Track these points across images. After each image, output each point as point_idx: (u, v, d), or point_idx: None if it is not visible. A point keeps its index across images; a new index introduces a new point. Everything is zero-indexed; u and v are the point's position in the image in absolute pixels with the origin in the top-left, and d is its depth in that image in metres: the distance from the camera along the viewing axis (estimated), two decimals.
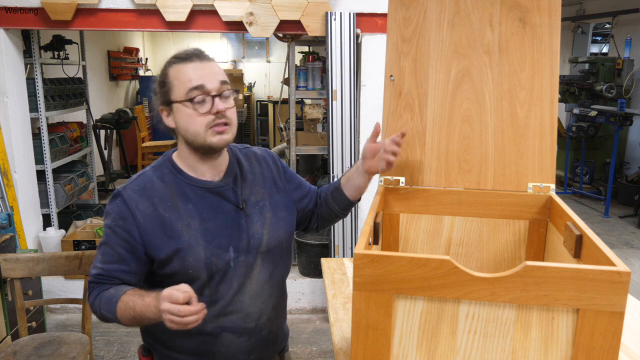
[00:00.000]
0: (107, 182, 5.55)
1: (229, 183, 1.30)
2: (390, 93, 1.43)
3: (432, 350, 0.97)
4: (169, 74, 1.24)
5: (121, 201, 1.23)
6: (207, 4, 3.21)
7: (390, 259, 0.93)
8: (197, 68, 1.22)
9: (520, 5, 1.37)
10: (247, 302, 1.30)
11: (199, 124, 1.21)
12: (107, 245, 1.24)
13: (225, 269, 1.26)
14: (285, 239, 1.38)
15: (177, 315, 1.07)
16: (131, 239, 1.22)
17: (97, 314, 1.25)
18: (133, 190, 1.24)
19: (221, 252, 1.25)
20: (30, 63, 3.66)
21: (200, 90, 1.20)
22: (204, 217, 1.25)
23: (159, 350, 1.34)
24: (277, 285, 1.38)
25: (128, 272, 1.24)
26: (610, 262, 0.92)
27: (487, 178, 1.42)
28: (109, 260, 1.24)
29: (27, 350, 2.23)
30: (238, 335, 1.31)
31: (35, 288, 2.89)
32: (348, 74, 3.31)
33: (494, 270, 1.45)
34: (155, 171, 1.28)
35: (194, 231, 1.23)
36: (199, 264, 1.23)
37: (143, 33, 8.73)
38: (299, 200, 1.46)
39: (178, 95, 1.22)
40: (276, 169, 1.42)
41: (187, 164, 1.29)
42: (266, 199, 1.35)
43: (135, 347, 3.21)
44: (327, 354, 3.17)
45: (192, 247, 1.23)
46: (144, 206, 1.22)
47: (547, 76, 1.38)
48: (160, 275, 1.27)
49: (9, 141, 3.40)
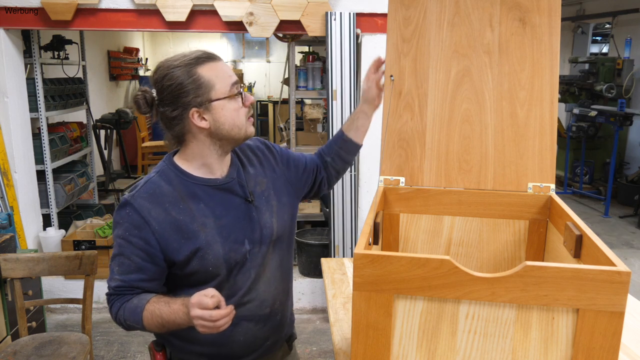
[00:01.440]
0: (107, 182, 5.55)
1: (234, 178, 1.32)
2: (390, 93, 1.43)
3: (432, 350, 0.97)
4: (202, 74, 1.21)
5: (132, 210, 1.22)
6: (207, 4, 3.22)
7: (390, 259, 0.93)
8: (224, 66, 1.26)
9: (520, 5, 1.37)
10: (262, 290, 1.33)
11: (242, 116, 1.27)
12: (123, 255, 1.23)
13: (243, 262, 1.29)
14: (290, 223, 1.41)
15: (209, 320, 1.09)
16: (149, 247, 1.22)
17: (123, 325, 1.26)
18: (142, 197, 1.23)
19: (238, 247, 1.27)
20: (30, 63, 3.66)
21: (239, 84, 1.26)
22: (217, 215, 1.27)
23: (175, 344, 1.35)
24: (286, 269, 1.42)
25: (148, 280, 1.24)
26: (610, 262, 0.92)
27: (487, 178, 1.42)
28: (126, 271, 1.23)
29: (27, 350, 2.23)
30: (255, 323, 1.34)
31: (35, 288, 2.90)
32: (348, 74, 3.31)
33: (494, 270, 1.45)
34: (160, 176, 1.28)
35: (210, 229, 1.25)
36: (218, 261, 1.25)
37: (143, 33, 8.73)
38: (300, 178, 1.48)
39: (221, 92, 1.23)
40: (272, 155, 1.44)
41: (198, 164, 1.28)
42: (270, 188, 1.38)
43: (135, 347, 3.21)
44: (327, 354, 3.17)
45: (211, 245, 1.24)
46: (156, 212, 1.22)
47: (547, 76, 1.38)
48: (179, 276, 1.27)
49: (9, 141, 3.40)
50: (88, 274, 2.34)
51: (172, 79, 1.21)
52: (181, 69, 1.21)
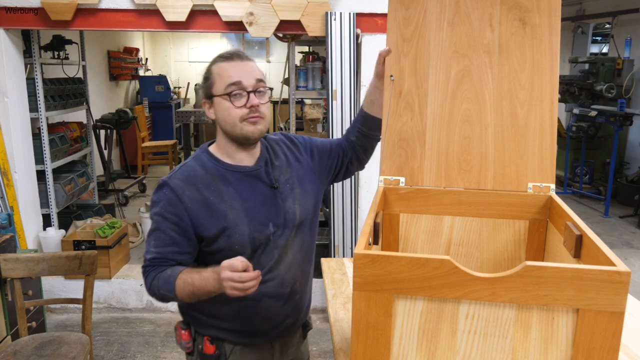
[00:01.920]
0: (107, 182, 5.55)
1: (262, 167, 1.44)
2: (390, 93, 1.43)
3: (432, 350, 0.97)
4: (212, 70, 1.39)
5: (168, 189, 1.36)
6: (207, 4, 3.22)
7: (390, 259, 0.93)
8: (236, 66, 1.37)
9: (520, 5, 1.37)
10: (283, 270, 1.44)
11: (234, 116, 1.35)
12: (159, 230, 1.36)
13: (267, 243, 1.40)
14: (313, 209, 1.52)
15: (238, 281, 1.19)
16: (182, 222, 1.35)
17: (156, 295, 1.37)
18: (178, 179, 1.37)
19: (262, 228, 1.39)
20: (30, 63, 3.66)
21: (238, 85, 1.35)
22: (244, 198, 1.39)
23: (200, 320, 1.45)
24: (308, 252, 1.53)
25: (181, 253, 1.36)
26: (610, 262, 0.92)
27: (487, 178, 1.42)
28: (162, 244, 1.36)
29: (27, 350, 2.23)
30: (276, 300, 1.44)
31: (35, 288, 2.90)
32: (348, 74, 3.31)
33: (494, 270, 1.45)
34: (195, 161, 1.43)
35: (237, 211, 1.37)
36: (244, 240, 1.37)
37: (143, 33, 8.73)
38: (325, 165, 1.57)
39: (218, 90, 1.37)
40: (295, 147, 1.55)
41: (225, 152, 1.43)
42: (294, 177, 1.49)
43: (135, 347, 3.21)
44: (327, 354, 3.17)
45: (237, 225, 1.36)
46: (189, 192, 1.35)
47: (547, 76, 1.38)
48: (207, 253, 1.39)
49: (9, 141, 3.40)
50: (88, 274, 2.34)
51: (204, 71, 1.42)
52: (208, 64, 1.42)
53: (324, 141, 1.61)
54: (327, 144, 1.59)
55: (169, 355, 3.15)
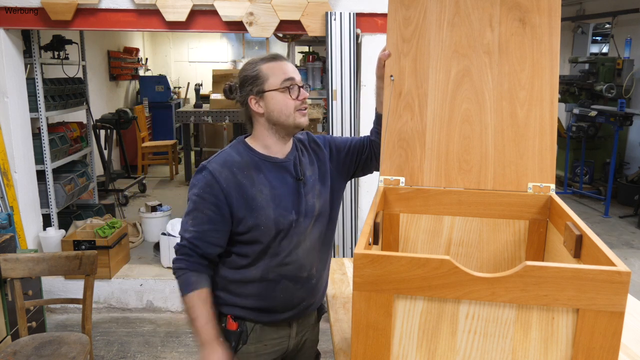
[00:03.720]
0: (107, 182, 5.55)
1: (291, 160, 1.58)
2: (390, 93, 1.43)
3: (432, 350, 0.97)
4: (261, 69, 1.51)
5: (207, 172, 1.49)
6: (207, 4, 3.22)
7: (390, 259, 0.93)
8: (286, 65, 1.53)
9: (520, 5, 1.37)
10: (301, 255, 1.55)
11: (291, 106, 1.50)
12: (197, 210, 1.49)
13: (289, 228, 1.52)
14: (330, 202, 1.64)
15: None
16: (218, 202, 1.47)
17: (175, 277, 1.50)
18: (216, 163, 1.51)
19: (286, 214, 1.51)
20: (30, 63, 3.66)
21: (292, 80, 1.50)
22: (272, 185, 1.52)
23: (225, 299, 1.57)
24: (326, 242, 1.65)
25: (216, 230, 1.49)
26: (610, 262, 0.92)
27: (487, 178, 1.42)
28: (200, 223, 1.48)
29: (27, 350, 2.23)
30: (294, 283, 1.56)
31: (35, 288, 2.90)
32: (348, 74, 3.31)
33: (494, 270, 1.45)
34: (232, 149, 1.57)
35: (265, 195, 1.50)
36: (269, 222, 1.49)
37: (143, 33, 8.73)
38: (344, 162, 1.69)
39: (273, 85, 1.49)
40: (317, 147, 1.67)
41: (262, 144, 1.55)
42: (316, 173, 1.62)
43: (135, 347, 3.21)
44: (327, 354, 3.16)
45: (264, 208, 1.49)
46: (225, 174, 1.49)
47: (547, 76, 1.38)
48: (237, 233, 1.51)
49: (9, 141, 3.40)
50: (88, 274, 2.35)
51: (244, 72, 1.54)
52: (251, 65, 1.54)
53: (343, 139, 1.73)
54: (347, 142, 1.71)
55: (169, 355, 3.15)
